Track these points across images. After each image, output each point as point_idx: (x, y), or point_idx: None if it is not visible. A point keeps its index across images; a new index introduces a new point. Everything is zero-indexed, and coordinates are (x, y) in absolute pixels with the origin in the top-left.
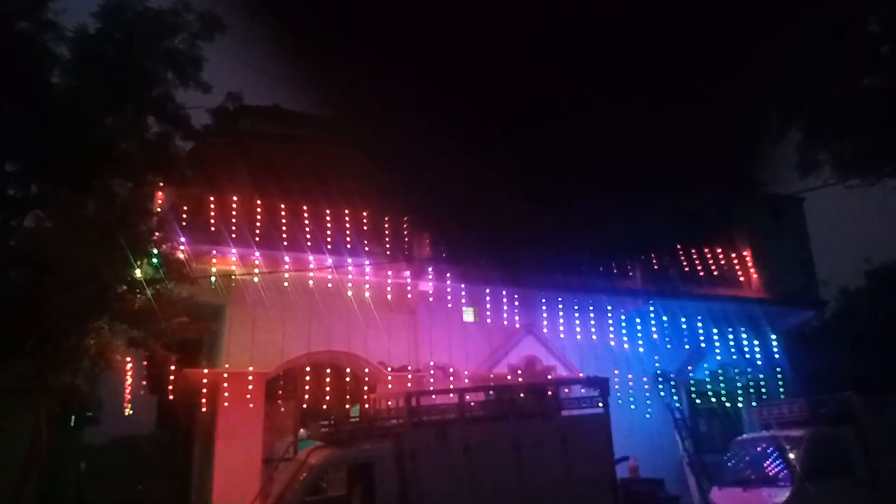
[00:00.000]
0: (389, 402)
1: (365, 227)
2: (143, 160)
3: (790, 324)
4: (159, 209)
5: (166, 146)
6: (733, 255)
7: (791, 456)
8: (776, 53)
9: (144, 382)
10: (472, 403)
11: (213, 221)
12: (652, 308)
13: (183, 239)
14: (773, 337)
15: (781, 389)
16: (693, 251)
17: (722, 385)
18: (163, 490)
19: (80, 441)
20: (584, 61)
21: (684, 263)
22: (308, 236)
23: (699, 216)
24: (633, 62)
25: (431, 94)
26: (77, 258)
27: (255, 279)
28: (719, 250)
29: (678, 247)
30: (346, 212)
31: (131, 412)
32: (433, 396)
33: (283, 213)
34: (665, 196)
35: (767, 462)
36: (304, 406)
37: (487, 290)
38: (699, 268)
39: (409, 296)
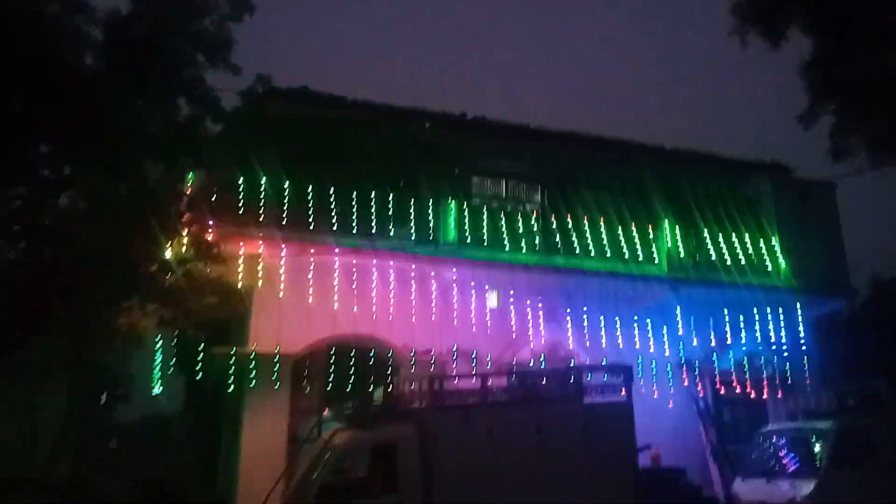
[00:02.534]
0: (413, 385)
1: (391, 211)
2: (173, 142)
3: (819, 312)
4: (189, 191)
5: (196, 128)
6: (761, 241)
7: (817, 448)
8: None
9: (174, 361)
10: (495, 388)
11: (242, 203)
12: (677, 295)
13: (212, 221)
14: (801, 326)
15: (808, 379)
16: (720, 237)
17: (747, 374)
18: (190, 469)
19: (110, 418)
20: None
21: (711, 250)
22: (335, 219)
23: (727, 202)
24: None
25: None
26: (108, 238)
27: (283, 261)
28: (747, 237)
29: (705, 233)
30: (374, 194)
31: (160, 391)
32: (456, 380)
33: (310, 195)
34: (692, 181)
35: (792, 453)
36: (329, 388)
37: (511, 275)
38: (726, 254)
39: (434, 280)
